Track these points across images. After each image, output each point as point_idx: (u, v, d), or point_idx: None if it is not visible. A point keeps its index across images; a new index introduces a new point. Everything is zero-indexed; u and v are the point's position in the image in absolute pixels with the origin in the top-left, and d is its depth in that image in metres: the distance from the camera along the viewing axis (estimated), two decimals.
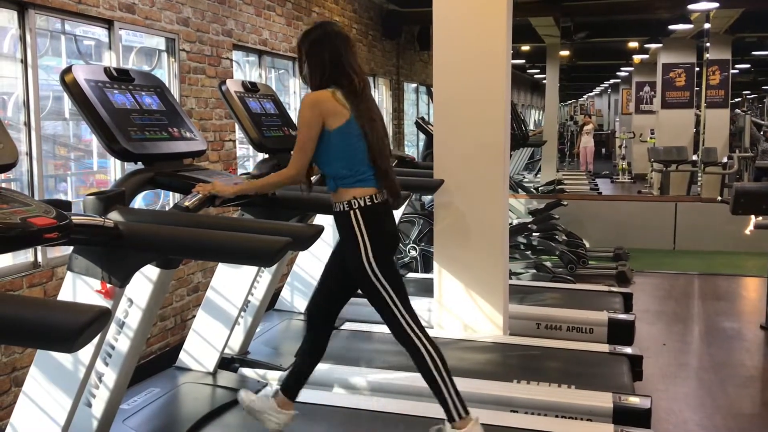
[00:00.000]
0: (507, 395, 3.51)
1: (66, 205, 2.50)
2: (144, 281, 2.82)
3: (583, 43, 12.83)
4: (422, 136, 8.02)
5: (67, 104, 4.01)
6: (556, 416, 3.36)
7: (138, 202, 4.12)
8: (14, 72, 3.59)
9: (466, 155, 4.41)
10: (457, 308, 4.53)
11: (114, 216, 2.47)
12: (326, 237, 2.90)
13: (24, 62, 3.56)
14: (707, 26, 10.73)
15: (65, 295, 2.58)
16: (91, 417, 2.83)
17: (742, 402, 4.21)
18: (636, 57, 14.76)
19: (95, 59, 4.32)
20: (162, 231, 2.45)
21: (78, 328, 1.56)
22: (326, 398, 3.51)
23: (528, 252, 7.16)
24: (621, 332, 4.53)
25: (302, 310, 4.83)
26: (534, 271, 6.59)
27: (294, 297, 4.91)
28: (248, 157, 5.89)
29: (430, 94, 10.09)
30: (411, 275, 5.99)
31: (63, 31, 4.03)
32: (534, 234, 7.21)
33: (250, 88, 3.84)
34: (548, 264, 6.83)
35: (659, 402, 3.93)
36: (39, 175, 3.60)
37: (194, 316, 3.89)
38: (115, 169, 4.27)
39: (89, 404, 2.82)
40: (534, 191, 11.22)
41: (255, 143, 3.68)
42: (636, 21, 11.99)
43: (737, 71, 14.56)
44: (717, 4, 8.81)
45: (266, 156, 3.76)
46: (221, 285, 3.71)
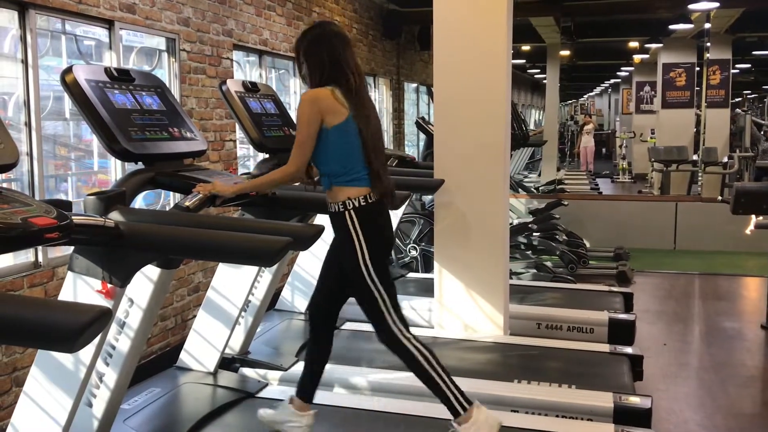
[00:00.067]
0: (507, 395, 3.51)
1: (67, 205, 2.50)
2: (145, 281, 2.82)
3: (584, 43, 12.84)
4: (422, 136, 8.01)
5: (68, 104, 4.01)
6: (557, 416, 3.36)
7: (138, 202, 4.13)
8: (15, 72, 3.59)
9: (467, 155, 4.41)
10: (458, 308, 4.53)
11: (115, 216, 2.47)
12: (326, 237, 2.89)
13: (24, 62, 3.56)
14: (708, 26, 10.73)
15: (66, 295, 2.58)
16: (92, 417, 2.83)
17: (743, 402, 4.21)
18: (636, 57, 14.76)
19: (96, 59, 4.32)
20: (163, 231, 2.45)
21: (79, 328, 1.56)
22: (327, 398, 3.50)
23: (528, 252, 7.16)
24: (621, 332, 4.53)
25: (303, 310, 4.83)
26: (534, 271, 6.59)
27: (294, 297, 4.91)
28: (249, 157, 5.89)
29: (431, 94, 10.10)
30: (411, 275, 5.99)
31: (63, 31, 4.03)
32: (534, 234, 7.21)
33: (251, 88, 3.84)
34: (549, 264, 6.82)
35: (660, 402, 3.93)
36: (39, 175, 3.60)
37: (195, 316, 3.89)
38: (116, 169, 4.27)
39: (90, 404, 2.82)
40: (534, 191, 11.22)
41: (255, 143, 3.68)
42: (636, 21, 11.99)
43: (738, 71, 14.56)
44: (717, 4, 8.81)
45: (267, 156, 3.76)
46: (222, 285, 3.71)
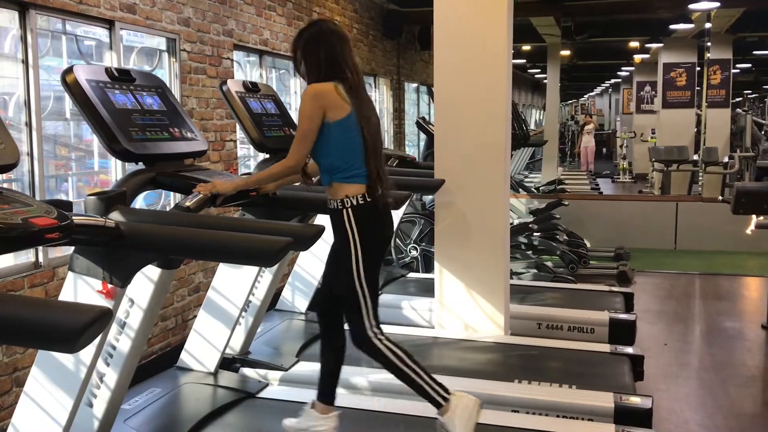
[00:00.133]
0: (508, 395, 3.51)
1: (67, 206, 2.50)
2: (145, 281, 2.82)
3: (584, 43, 12.82)
4: (423, 136, 8.01)
5: (68, 104, 4.01)
6: (558, 416, 3.36)
7: (139, 203, 4.12)
8: (15, 72, 3.59)
9: (467, 155, 4.41)
10: (458, 308, 4.53)
11: (115, 216, 2.47)
12: (327, 237, 2.89)
13: (25, 62, 3.56)
14: (708, 26, 10.72)
15: (66, 296, 2.58)
16: (93, 417, 2.83)
17: (744, 402, 4.21)
18: (637, 57, 14.73)
19: (96, 59, 4.32)
20: (163, 231, 2.45)
21: (79, 329, 1.56)
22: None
23: (529, 252, 7.15)
24: (622, 332, 4.53)
25: (303, 310, 4.83)
26: (535, 271, 6.59)
27: (295, 297, 4.91)
28: (249, 157, 5.89)
29: (431, 94, 10.09)
30: (412, 275, 5.99)
31: (64, 32, 4.03)
32: (535, 234, 7.21)
33: (251, 88, 3.84)
34: (549, 264, 6.82)
35: (660, 402, 3.93)
36: (40, 176, 3.60)
37: (195, 316, 3.89)
38: (116, 170, 4.27)
39: (90, 404, 2.82)
40: (535, 191, 11.22)
41: (256, 143, 3.68)
42: (637, 21, 11.97)
43: (738, 71, 14.52)
44: (718, 4, 8.80)
45: (267, 156, 3.77)
46: (222, 285, 3.71)
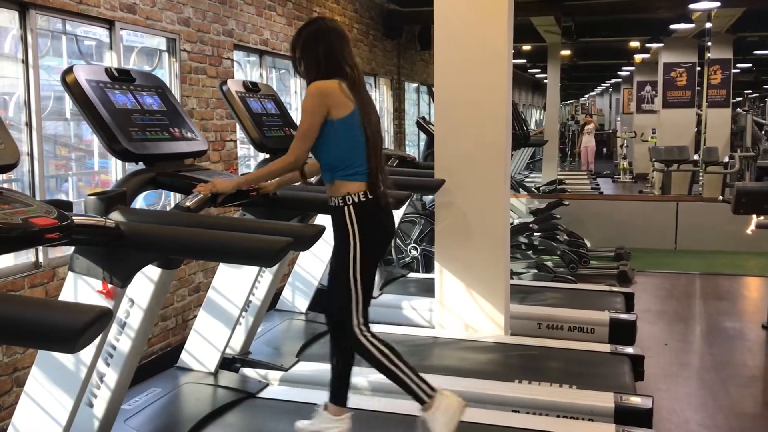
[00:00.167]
0: (508, 395, 3.51)
1: (67, 206, 2.50)
2: (145, 281, 2.82)
3: (585, 43, 12.83)
4: (423, 136, 8.00)
5: (68, 104, 4.01)
6: (558, 416, 3.36)
7: (139, 203, 4.12)
8: (15, 72, 3.59)
9: (467, 155, 4.41)
10: (459, 308, 4.53)
11: (115, 216, 2.47)
12: (327, 237, 2.89)
13: (25, 62, 3.56)
14: (708, 25, 10.72)
15: (66, 296, 2.58)
16: (93, 417, 2.83)
17: (744, 402, 4.21)
18: (637, 56, 14.74)
19: (96, 59, 4.32)
20: (163, 231, 2.45)
21: (79, 329, 1.56)
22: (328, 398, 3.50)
23: (529, 252, 7.15)
24: (622, 332, 4.53)
25: (303, 310, 4.83)
26: (535, 271, 6.59)
27: (295, 297, 4.91)
28: (249, 157, 5.89)
29: (431, 94, 10.08)
30: (412, 275, 5.99)
31: (64, 32, 4.03)
32: (535, 234, 7.21)
33: (251, 88, 3.84)
34: (549, 264, 6.82)
35: (661, 402, 3.93)
36: (40, 176, 3.60)
37: (195, 316, 3.89)
38: (116, 170, 4.27)
39: (91, 404, 2.82)
40: (535, 191, 11.22)
41: (256, 143, 3.68)
42: (637, 20, 11.97)
43: (738, 71, 14.53)
44: (718, 4, 8.80)
45: (267, 156, 3.76)
46: (222, 285, 3.71)
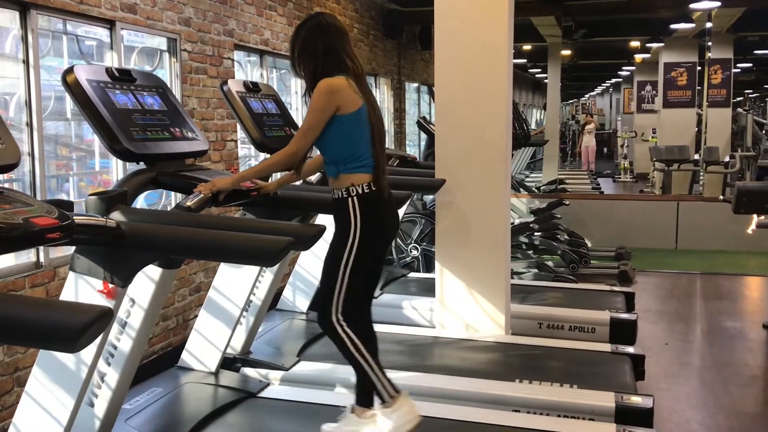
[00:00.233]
0: (509, 395, 3.51)
1: (68, 206, 2.50)
2: (146, 281, 2.82)
3: (585, 43, 12.82)
4: (424, 136, 8.00)
5: (69, 104, 4.02)
6: (559, 416, 3.36)
7: (140, 202, 4.13)
8: (16, 72, 3.59)
9: (468, 155, 4.41)
10: (459, 308, 4.53)
11: (116, 216, 2.48)
12: (328, 237, 2.89)
13: (26, 62, 3.56)
14: (709, 25, 10.71)
15: (67, 295, 2.58)
16: (94, 417, 2.83)
17: (745, 401, 4.21)
18: (638, 56, 14.74)
19: (97, 59, 4.32)
20: (164, 231, 2.46)
21: (80, 328, 1.56)
22: (329, 398, 3.51)
23: (530, 251, 7.15)
24: (623, 332, 4.53)
25: (304, 310, 4.83)
26: (536, 271, 6.59)
27: (296, 297, 4.91)
28: (250, 157, 5.90)
29: (432, 94, 10.08)
30: (413, 275, 5.99)
31: (65, 32, 4.03)
32: (536, 233, 7.21)
33: (252, 88, 3.84)
34: (550, 263, 6.82)
35: (661, 401, 3.93)
36: (41, 176, 3.61)
37: (196, 316, 3.89)
38: (117, 170, 4.28)
39: (92, 404, 2.82)
40: (536, 191, 11.21)
41: (257, 143, 3.68)
42: (637, 20, 11.97)
43: (739, 70, 14.54)
44: (719, 3, 8.79)
45: (268, 156, 3.76)
46: (223, 285, 3.71)
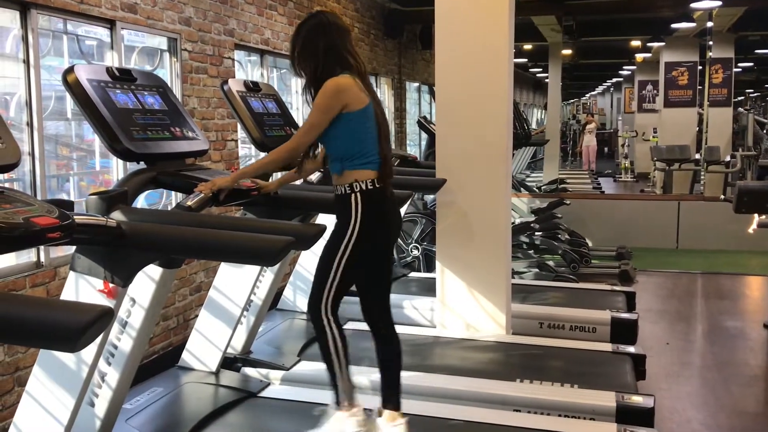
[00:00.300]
0: (510, 394, 3.51)
1: (68, 205, 2.50)
2: (147, 281, 2.82)
3: (586, 42, 12.82)
4: (424, 136, 8.01)
5: (70, 104, 4.02)
6: (559, 415, 3.36)
7: (141, 202, 4.13)
8: (16, 72, 3.59)
9: (469, 154, 4.41)
10: (460, 307, 4.53)
11: (116, 215, 2.48)
12: (328, 235, 2.89)
13: (26, 62, 3.56)
14: (710, 24, 10.71)
15: (68, 295, 2.58)
16: (94, 416, 2.83)
17: (746, 401, 4.20)
18: (638, 56, 14.74)
19: (97, 59, 4.32)
20: (164, 230, 2.46)
21: (81, 328, 1.56)
22: (329, 398, 3.50)
23: (531, 251, 7.15)
24: (624, 331, 4.52)
25: (304, 310, 4.82)
26: (537, 270, 6.59)
27: (296, 296, 4.91)
28: (250, 157, 5.89)
29: (433, 93, 10.08)
30: (413, 274, 5.98)
31: (65, 31, 4.03)
32: (537, 233, 7.20)
33: (252, 88, 3.84)
34: (551, 263, 6.82)
35: (662, 401, 3.92)
36: (41, 175, 3.61)
37: (197, 316, 3.89)
38: (118, 169, 4.28)
39: (92, 404, 2.82)
40: (536, 190, 11.21)
41: (257, 143, 3.68)
42: (638, 19, 11.97)
43: (740, 70, 14.54)
44: (720, 3, 8.79)
45: (267, 154, 3.76)
46: (224, 284, 3.71)
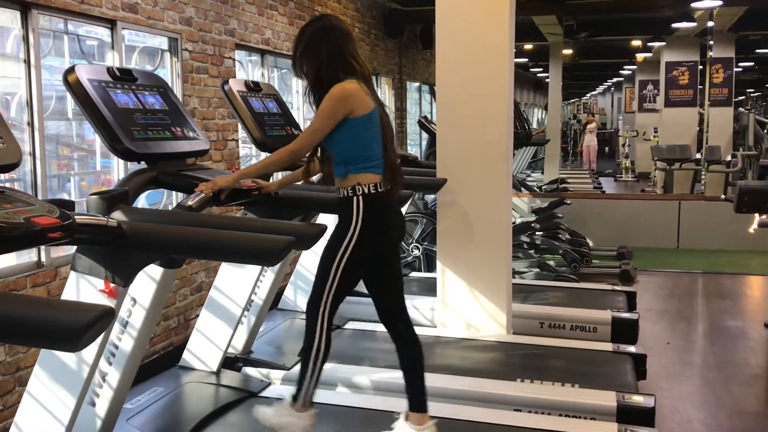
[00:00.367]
0: (511, 394, 3.51)
1: (69, 205, 2.50)
2: (147, 280, 2.82)
3: (586, 42, 12.80)
4: (425, 135, 8.00)
5: (70, 104, 4.02)
6: (560, 415, 3.36)
7: (141, 202, 4.13)
8: (17, 72, 3.59)
9: (469, 154, 4.41)
10: (461, 307, 4.53)
11: (117, 215, 2.48)
12: (329, 236, 2.89)
13: (27, 62, 3.57)
14: (711, 24, 10.70)
15: (69, 295, 2.58)
16: (95, 416, 2.84)
17: (747, 400, 4.20)
18: (639, 55, 14.73)
19: (98, 59, 4.32)
20: (165, 230, 2.46)
21: (82, 328, 1.57)
22: (330, 397, 3.50)
23: (531, 251, 7.14)
24: (624, 331, 4.52)
25: (305, 310, 4.82)
26: (537, 270, 6.58)
27: (297, 296, 4.91)
28: (251, 157, 5.90)
29: (433, 93, 10.08)
30: (414, 274, 5.99)
31: (66, 31, 4.03)
32: (537, 233, 7.20)
33: (253, 88, 3.84)
34: (551, 263, 6.82)
35: (663, 401, 3.92)
36: (42, 175, 3.61)
37: (197, 316, 3.90)
38: (119, 169, 4.28)
39: (93, 403, 2.83)
40: (537, 190, 11.21)
41: (258, 142, 3.69)
42: (639, 19, 11.96)
43: (741, 69, 14.53)
44: (720, 2, 8.79)
45: (269, 155, 3.76)
46: (224, 284, 3.72)
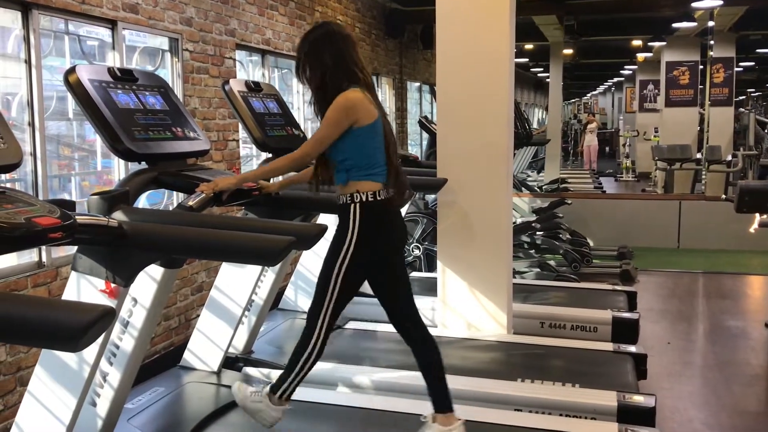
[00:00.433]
0: (511, 394, 3.51)
1: (70, 205, 2.50)
2: (148, 281, 2.82)
3: (587, 42, 12.81)
4: (425, 135, 8.00)
5: (71, 104, 4.02)
6: (561, 415, 3.36)
7: (142, 202, 4.13)
8: (18, 72, 3.60)
9: (470, 154, 4.41)
10: (461, 307, 4.53)
11: (118, 216, 2.48)
12: (329, 236, 2.89)
13: (28, 62, 3.57)
14: (711, 24, 10.69)
15: (70, 295, 2.59)
16: (96, 416, 2.84)
17: (747, 400, 4.20)
18: (640, 55, 14.73)
19: (99, 59, 4.32)
20: (166, 231, 2.46)
21: (82, 328, 1.57)
22: (330, 397, 3.51)
23: (532, 251, 7.15)
24: (625, 331, 4.52)
25: (306, 310, 4.82)
26: (538, 270, 6.58)
27: (297, 296, 4.91)
28: (251, 157, 5.90)
29: (434, 93, 10.08)
30: (414, 274, 5.99)
31: (66, 32, 4.04)
32: (538, 232, 7.20)
33: (254, 88, 3.85)
34: (552, 263, 6.82)
35: (664, 400, 3.92)
36: (43, 176, 3.61)
37: (198, 316, 3.90)
38: (119, 169, 4.28)
39: (94, 403, 2.83)
40: (538, 190, 11.21)
41: (258, 143, 3.69)
42: (640, 19, 11.96)
43: (741, 69, 14.53)
44: (721, 2, 8.79)
45: (269, 156, 3.77)
46: (225, 284, 3.72)
